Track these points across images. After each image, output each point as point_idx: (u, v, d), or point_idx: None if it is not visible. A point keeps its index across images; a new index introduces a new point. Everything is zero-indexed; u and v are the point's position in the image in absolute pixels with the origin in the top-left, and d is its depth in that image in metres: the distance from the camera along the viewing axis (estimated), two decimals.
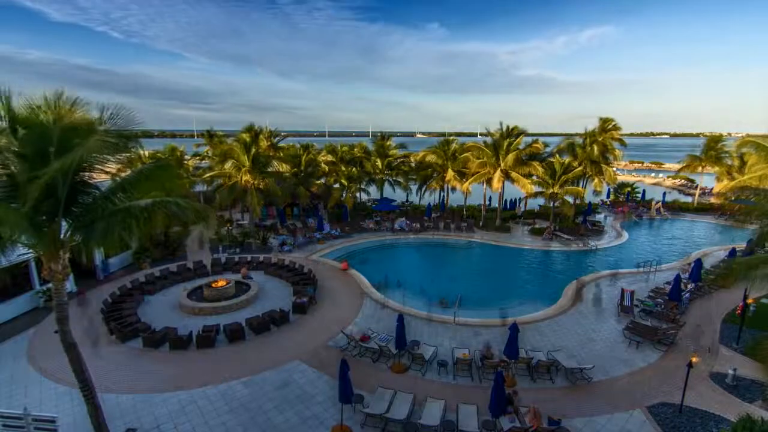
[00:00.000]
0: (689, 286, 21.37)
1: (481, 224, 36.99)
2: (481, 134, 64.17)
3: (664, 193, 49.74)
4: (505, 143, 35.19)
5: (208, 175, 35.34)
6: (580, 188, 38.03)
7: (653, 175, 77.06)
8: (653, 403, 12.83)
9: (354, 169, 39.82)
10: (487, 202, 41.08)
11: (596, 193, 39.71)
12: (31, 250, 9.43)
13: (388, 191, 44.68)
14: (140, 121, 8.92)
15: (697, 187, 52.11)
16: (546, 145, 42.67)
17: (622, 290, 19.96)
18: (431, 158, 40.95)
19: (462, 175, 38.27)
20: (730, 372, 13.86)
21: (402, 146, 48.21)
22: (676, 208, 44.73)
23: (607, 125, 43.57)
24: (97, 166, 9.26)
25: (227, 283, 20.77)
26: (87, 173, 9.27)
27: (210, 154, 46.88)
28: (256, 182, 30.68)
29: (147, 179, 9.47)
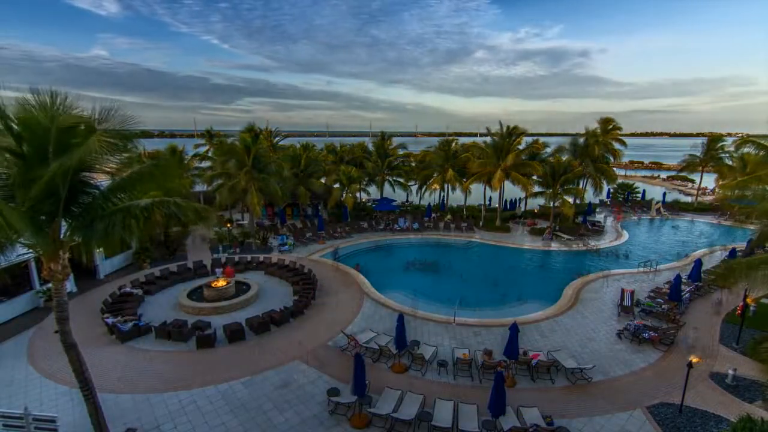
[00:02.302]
0: (689, 287, 21.36)
1: (481, 224, 37.00)
2: (481, 134, 64.18)
3: (665, 193, 49.75)
4: (506, 143, 35.22)
5: (208, 174, 35.36)
6: (579, 188, 38.10)
7: (655, 174, 77.10)
8: (653, 403, 12.83)
9: (354, 169, 39.84)
10: (487, 202, 41.10)
11: (596, 192, 39.79)
12: (31, 250, 9.42)
13: (388, 191, 44.69)
14: (139, 121, 8.90)
15: (697, 187, 52.13)
16: (546, 145, 42.76)
17: (622, 290, 19.95)
18: (432, 158, 40.99)
19: (462, 175, 38.29)
20: (730, 372, 13.86)
21: (402, 146, 48.27)
22: (676, 208, 44.75)
23: (607, 125, 43.67)
24: (97, 165, 9.26)
25: (227, 283, 20.77)
26: (87, 173, 9.26)
27: (210, 153, 46.90)
28: (256, 182, 30.66)
29: (147, 179, 9.46)
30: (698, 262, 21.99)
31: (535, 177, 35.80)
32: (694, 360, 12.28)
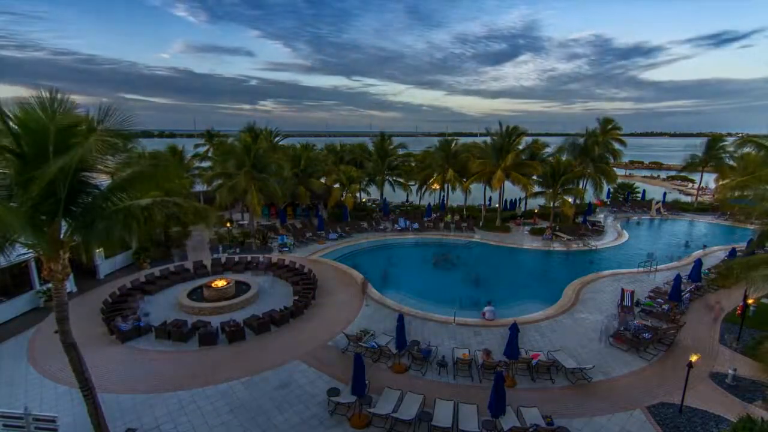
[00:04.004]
0: (689, 287, 21.35)
1: (481, 224, 37.00)
2: (480, 134, 64.15)
3: (665, 193, 49.73)
4: (505, 143, 35.22)
5: (208, 174, 35.34)
6: (579, 188, 38.07)
7: (655, 174, 77.10)
8: (653, 403, 12.83)
9: (354, 169, 39.84)
10: (487, 202, 41.08)
11: (596, 192, 39.76)
12: (31, 250, 9.42)
13: (388, 191, 44.67)
14: (138, 121, 8.91)
15: (697, 187, 52.11)
16: (546, 145, 42.76)
17: (622, 290, 19.94)
18: (431, 158, 40.96)
19: (462, 175, 38.29)
20: (730, 372, 13.86)
21: (402, 146, 48.22)
22: (676, 208, 44.75)
23: (607, 125, 43.67)
24: (97, 165, 9.25)
25: (227, 284, 20.76)
26: (87, 173, 9.26)
27: (210, 153, 46.90)
28: (256, 182, 30.64)
29: (147, 179, 9.46)
30: (698, 262, 21.98)
31: (535, 177, 35.80)
32: (694, 359, 12.28)
